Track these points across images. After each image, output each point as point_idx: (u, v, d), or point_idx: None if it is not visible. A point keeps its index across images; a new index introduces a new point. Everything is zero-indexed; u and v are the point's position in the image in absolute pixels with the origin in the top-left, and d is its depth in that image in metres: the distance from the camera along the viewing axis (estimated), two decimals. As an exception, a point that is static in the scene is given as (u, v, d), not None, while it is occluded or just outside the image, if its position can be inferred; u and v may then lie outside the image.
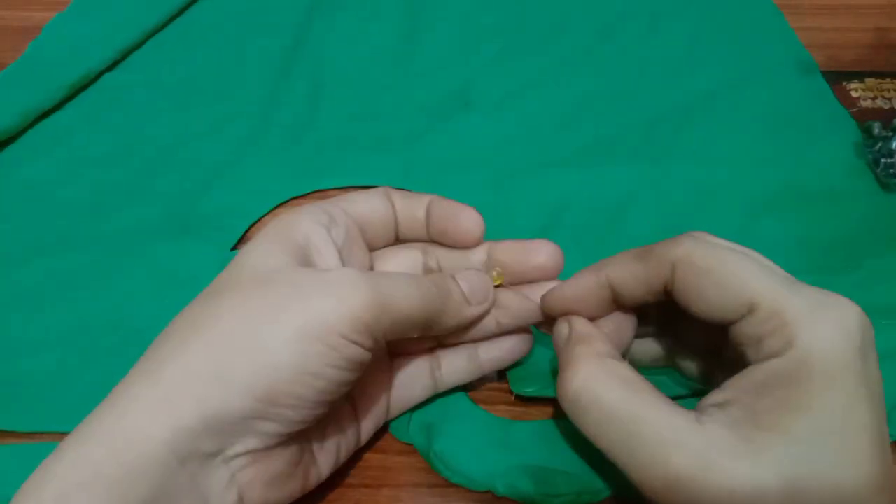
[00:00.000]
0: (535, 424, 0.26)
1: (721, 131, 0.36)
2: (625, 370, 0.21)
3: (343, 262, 0.23)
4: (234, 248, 0.32)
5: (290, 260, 0.21)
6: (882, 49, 0.41)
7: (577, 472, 0.24)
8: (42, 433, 0.26)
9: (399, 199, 0.25)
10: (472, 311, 0.23)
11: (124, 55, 0.41)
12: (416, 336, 0.22)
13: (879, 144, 0.35)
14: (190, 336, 0.19)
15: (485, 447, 0.24)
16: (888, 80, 0.39)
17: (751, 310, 0.19)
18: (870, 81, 0.39)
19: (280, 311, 0.19)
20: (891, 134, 0.34)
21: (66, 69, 0.39)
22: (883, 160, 0.34)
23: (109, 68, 0.41)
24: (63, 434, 0.26)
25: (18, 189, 0.34)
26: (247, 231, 0.33)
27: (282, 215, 0.23)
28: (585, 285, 0.23)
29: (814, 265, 0.30)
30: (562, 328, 0.23)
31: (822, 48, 0.41)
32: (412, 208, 0.25)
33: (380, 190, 0.25)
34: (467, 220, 0.24)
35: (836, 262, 0.30)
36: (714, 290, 0.20)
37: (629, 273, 0.22)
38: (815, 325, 0.18)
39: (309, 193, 0.34)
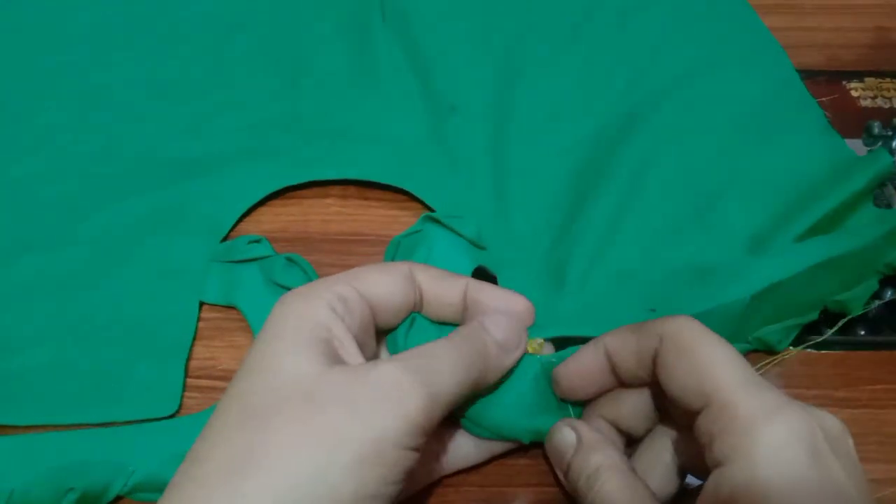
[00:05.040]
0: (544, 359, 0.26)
1: (695, 125, 0.36)
2: (637, 485, 0.21)
3: (360, 350, 0.21)
4: (224, 239, 0.31)
5: (324, 361, 0.20)
6: (882, 49, 0.41)
7: None
8: (37, 427, 0.26)
9: (428, 281, 0.24)
10: (510, 361, 0.23)
11: (106, 53, 0.40)
12: None
13: (879, 144, 0.34)
14: (248, 472, 0.18)
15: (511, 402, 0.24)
16: (888, 79, 0.39)
17: (706, 403, 0.19)
18: (870, 81, 0.39)
19: (338, 439, 0.18)
20: (891, 133, 0.34)
21: None
22: (883, 160, 0.34)
23: (91, 67, 0.39)
24: (58, 427, 0.26)
25: (3, 188, 0.34)
26: (237, 223, 0.32)
27: (291, 301, 0.21)
28: (586, 357, 0.23)
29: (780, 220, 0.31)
30: (567, 435, 0.23)
31: (822, 48, 0.41)
32: (444, 294, 0.24)
33: (403, 270, 0.24)
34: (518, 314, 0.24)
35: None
36: (684, 373, 0.20)
37: (622, 343, 0.22)
38: (764, 435, 0.18)
39: (302, 184, 0.34)
